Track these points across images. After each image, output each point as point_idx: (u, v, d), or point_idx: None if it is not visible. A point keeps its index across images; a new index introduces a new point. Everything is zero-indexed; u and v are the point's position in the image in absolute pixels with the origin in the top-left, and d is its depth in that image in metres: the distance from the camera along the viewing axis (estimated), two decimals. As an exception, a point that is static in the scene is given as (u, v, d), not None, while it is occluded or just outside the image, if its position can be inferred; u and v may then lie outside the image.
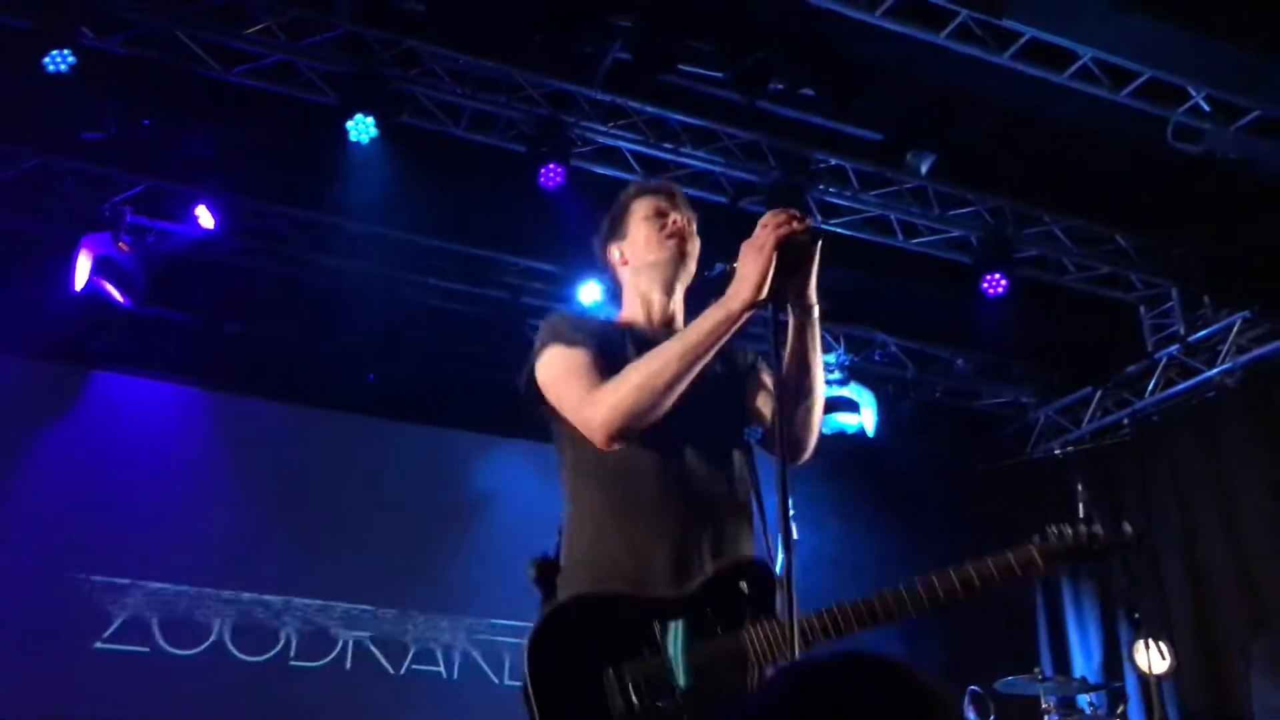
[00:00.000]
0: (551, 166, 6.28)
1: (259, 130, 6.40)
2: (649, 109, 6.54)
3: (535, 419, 2.57)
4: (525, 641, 2.24)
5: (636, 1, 5.83)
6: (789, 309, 2.32)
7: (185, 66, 5.83)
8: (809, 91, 6.23)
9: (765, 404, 2.56)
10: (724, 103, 6.48)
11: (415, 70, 6.15)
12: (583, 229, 7.15)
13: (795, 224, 2.21)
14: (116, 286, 6.51)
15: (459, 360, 7.62)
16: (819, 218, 7.01)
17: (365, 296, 7.31)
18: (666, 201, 2.68)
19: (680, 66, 6.14)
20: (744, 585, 2.26)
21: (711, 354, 2.29)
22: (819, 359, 2.40)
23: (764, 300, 2.21)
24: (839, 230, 7.04)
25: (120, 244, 6.43)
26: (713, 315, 2.27)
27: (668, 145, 6.65)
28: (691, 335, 2.29)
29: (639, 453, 2.36)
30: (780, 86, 6.17)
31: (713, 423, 2.46)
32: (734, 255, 2.36)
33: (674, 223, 2.63)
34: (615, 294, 2.75)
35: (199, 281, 7.21)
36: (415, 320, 7.52)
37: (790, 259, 2.20)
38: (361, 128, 5.93)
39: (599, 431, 2.32)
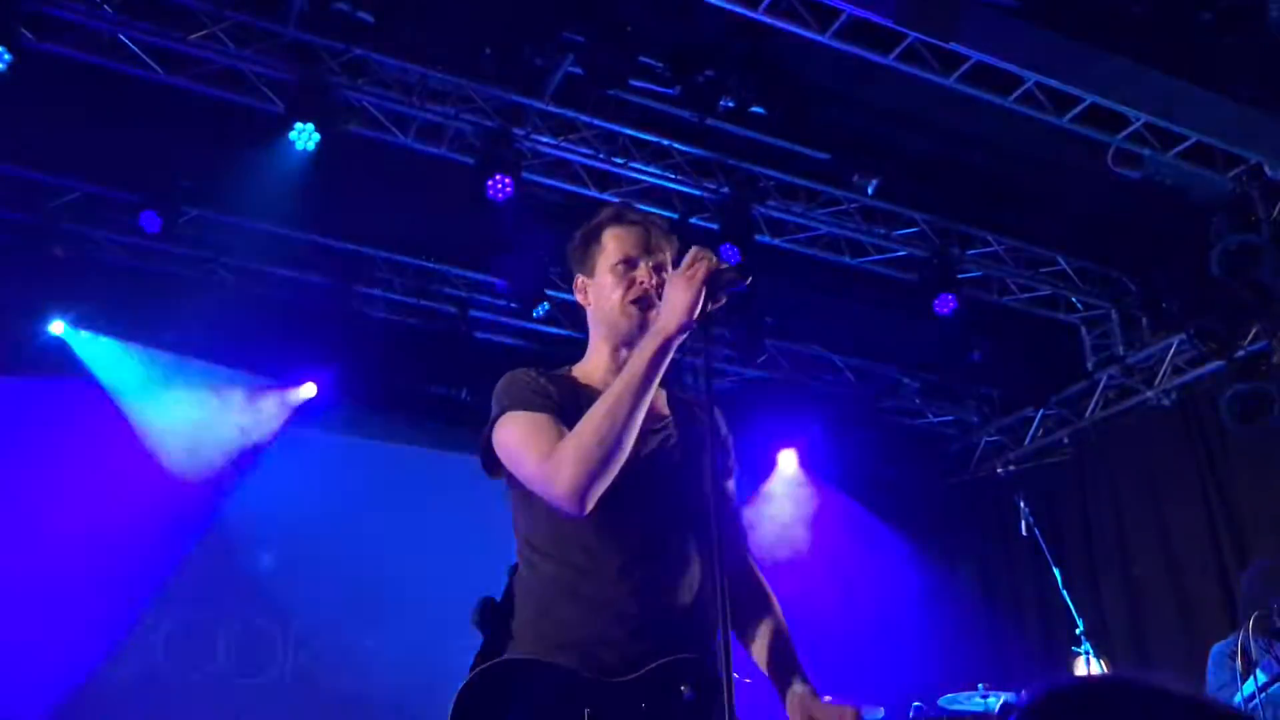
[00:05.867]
0: (499, 178, 6.20)
1: (203, 136, 6.27)
2: (599, 123, 6.52)
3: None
4: (454, 695, 2.20)
5: (588, 16, 5.82)
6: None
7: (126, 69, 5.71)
8: (759, 110, 6.26)
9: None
10: (674, 119, 6.49)
11: (363, 79, 6.08)
12: (532, 242, 7.08)
13: (724, 267, 2.20)
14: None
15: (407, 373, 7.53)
16: (767, 234, 7.05)
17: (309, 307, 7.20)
18: (638, 246, 2.45)
19: (631, 82, 6.13)
20: (684, 690, 2.19)
21: (655, 384, 2.21)
22: None
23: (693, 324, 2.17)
24: (786, 247, 7.08)
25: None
26: (649, 346, 2.20)
27: (618, 160, 6.64)
28: (633, 370, 2.20)
29: (597, 531, 2.26)
30: (731, 104, 6.19)
31: (675, 490, 2.35)
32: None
33: (640, 283, 2.41)
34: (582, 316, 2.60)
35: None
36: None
37: (717, 287, 2.19)
38: (304, 135, 5.85)
39: (568, 497, 2.16)
